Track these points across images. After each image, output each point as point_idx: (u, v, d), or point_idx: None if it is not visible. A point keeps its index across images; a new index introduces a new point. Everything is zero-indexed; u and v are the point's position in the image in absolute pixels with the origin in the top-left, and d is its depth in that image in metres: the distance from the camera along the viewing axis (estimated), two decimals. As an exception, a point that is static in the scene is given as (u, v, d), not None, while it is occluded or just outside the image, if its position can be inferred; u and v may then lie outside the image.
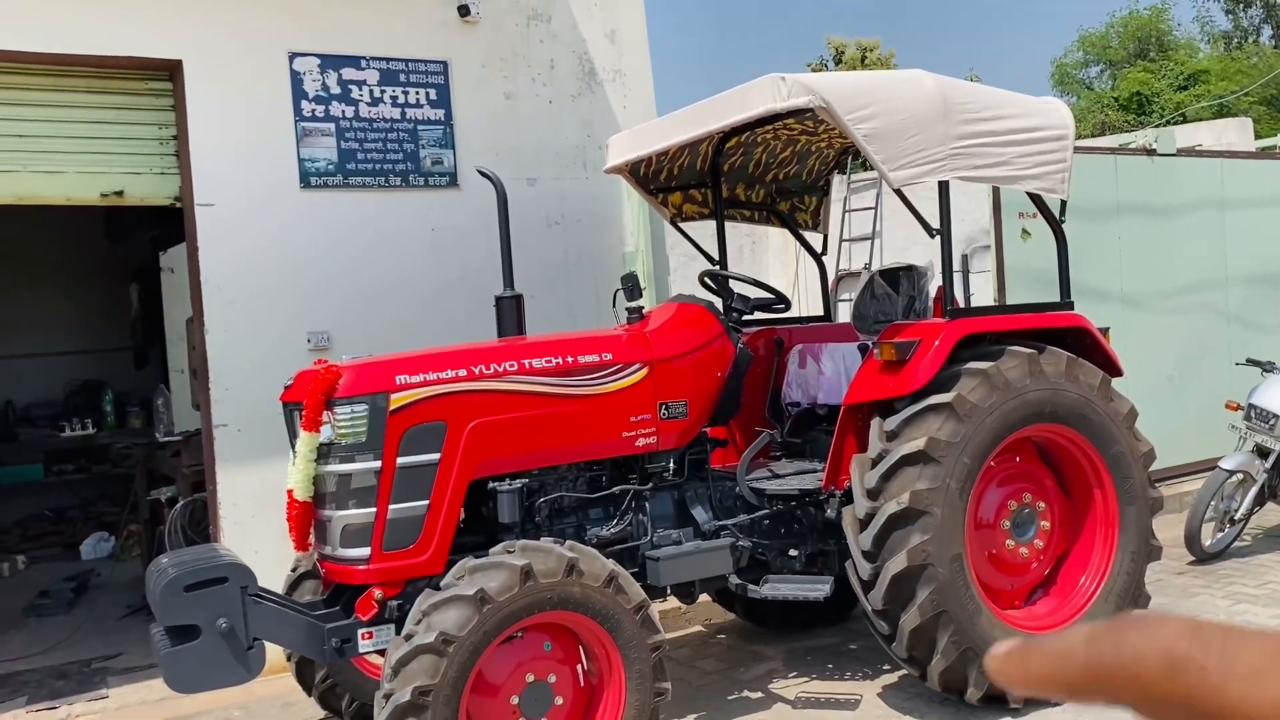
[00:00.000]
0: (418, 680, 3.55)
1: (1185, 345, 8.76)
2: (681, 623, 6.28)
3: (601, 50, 6.95)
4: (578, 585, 3.82)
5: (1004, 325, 4.90)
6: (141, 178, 5.71)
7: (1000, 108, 4.89)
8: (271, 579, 4.44)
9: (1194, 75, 28.73)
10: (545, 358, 4.38)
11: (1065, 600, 4.94)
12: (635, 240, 6.88)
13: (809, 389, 5.58)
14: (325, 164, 5.98)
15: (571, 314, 6.45)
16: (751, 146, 5.96)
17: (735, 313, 5.09)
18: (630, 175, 5.84)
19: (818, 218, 6.55)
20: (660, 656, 4.00)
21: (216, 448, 5.67)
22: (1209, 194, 8.95)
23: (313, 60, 5.96)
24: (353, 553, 4.02)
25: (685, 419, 4.70)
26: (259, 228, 5.79)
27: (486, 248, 5.87)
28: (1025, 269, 7.79)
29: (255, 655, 3.91)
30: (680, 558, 4.59)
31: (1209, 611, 5.87)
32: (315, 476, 4.04)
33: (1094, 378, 4.88)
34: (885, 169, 4.54)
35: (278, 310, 5.80)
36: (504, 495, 4.22)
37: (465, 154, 6.35)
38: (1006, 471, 4.93)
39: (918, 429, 4.47)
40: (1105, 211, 8.37)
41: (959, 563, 4.47)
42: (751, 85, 4.61)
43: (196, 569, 3.86)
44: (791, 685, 5.21)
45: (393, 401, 4.02)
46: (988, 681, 4.50)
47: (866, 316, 5.50)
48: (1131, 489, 4.97)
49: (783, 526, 5.00)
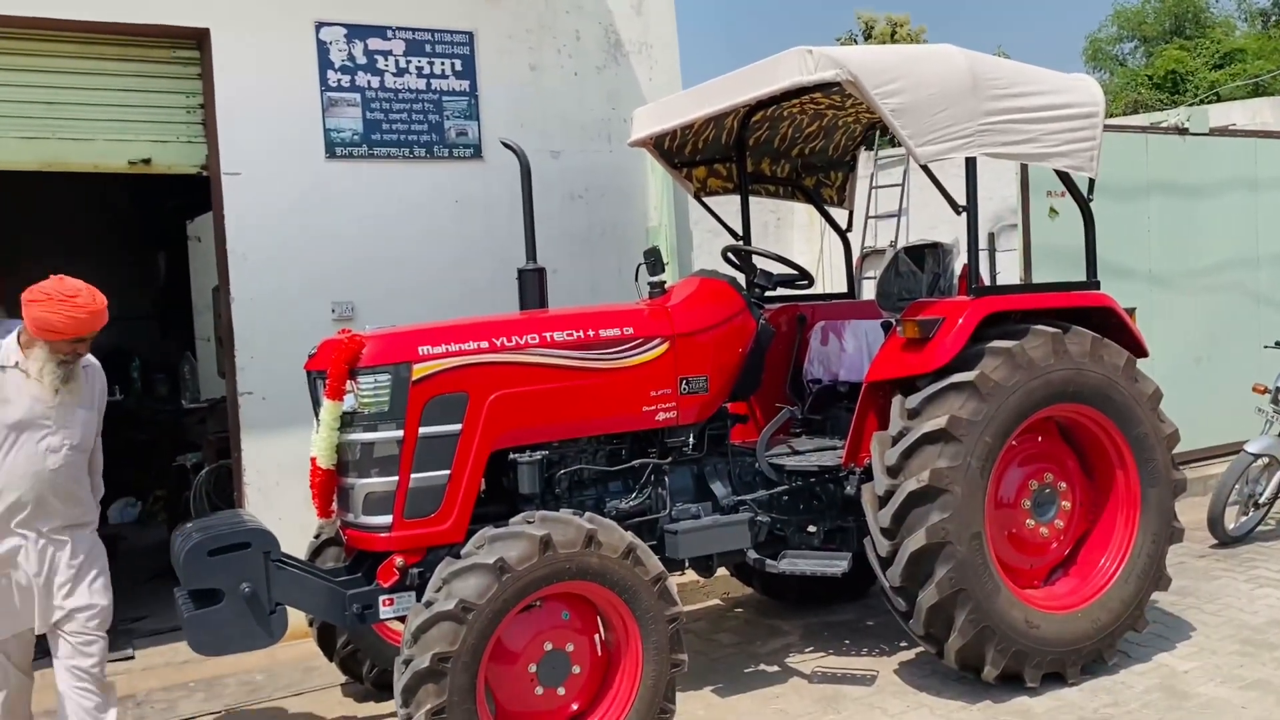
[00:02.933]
0: (437, 647, 3.59)
1: (1213, 326, 8.67)
2: (699, 596, 6.31)
3: (627, 22, 6.91)
4: (596, 556, 3.84)
5: (1029, 304, 4.86)
6: (168, 146, 5.74)
7: (1030, 84, 4.83)
8: (294, 545, 4.50)
9: (1230, 54, 28.27)
10: (567, 331, 4.39)
11: (1085, 581, 4.92)
12: (659, 214, 6.87)
13: (830, 366, 5.56)
14: (350, 134, 5.99)
15: (594, 287, 6.45)
16: (778, 120, 5.92)
17: (758, 288, 5.08)
18: (654, 149, 5.81)
19: (843, 193, 6.50)
20: (677, 628, 4.02)
21: (241, 415, 5.72)
22: (1241, 174, 8.83)
23: (339, 30, 5.96)
24: (375, 520, 4.06)
25: (706, 394, 4.70)
26: (284, 197, 5.81)
27: (510, 220, 5.87)
28: (1052, 248, 7.72)
29: (277, 620, 3.97)
30: (699, 531, 4.61)
31: (1230, 594, 5.84)
32: (338, 445, 4.08)
33: (1119, 358, 4.84)
34: (912, 144, 4.50)
35: (303, 279, 5.83)
36: (524, 467, 4.25)
37: (490, 125, 6.34)
38: (1028, 451, 4.91)
39: (939, 407, 4.46)
40: (1135, 190, 8.27)
41: (978, 541, 4.46)
42: (778, 58, 4.57)
43: (220, 534, 3.91)
44: (808, 660, 5.23)
45: (415, 372, 4.05)
46: (1004, 660, 4.51)
47: (890, 294, 5.47)
48: (1155, 470, 4.94)
49: (802, 502, 5.00)
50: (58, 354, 3.91)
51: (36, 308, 3.85)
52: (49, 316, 3.84)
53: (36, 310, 3.84)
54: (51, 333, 3.86)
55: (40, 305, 3.85)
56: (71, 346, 3.93)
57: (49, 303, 3.85)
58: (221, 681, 5.26)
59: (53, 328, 3.86)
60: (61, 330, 3.87)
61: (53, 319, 3.84)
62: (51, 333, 3.86)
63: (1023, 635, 4.55)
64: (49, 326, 3.85)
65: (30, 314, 3.84)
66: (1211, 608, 5.65)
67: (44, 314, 3.84)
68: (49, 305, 3.85)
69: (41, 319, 3.84)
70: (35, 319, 3.85)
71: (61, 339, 3.89)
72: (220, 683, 5.26)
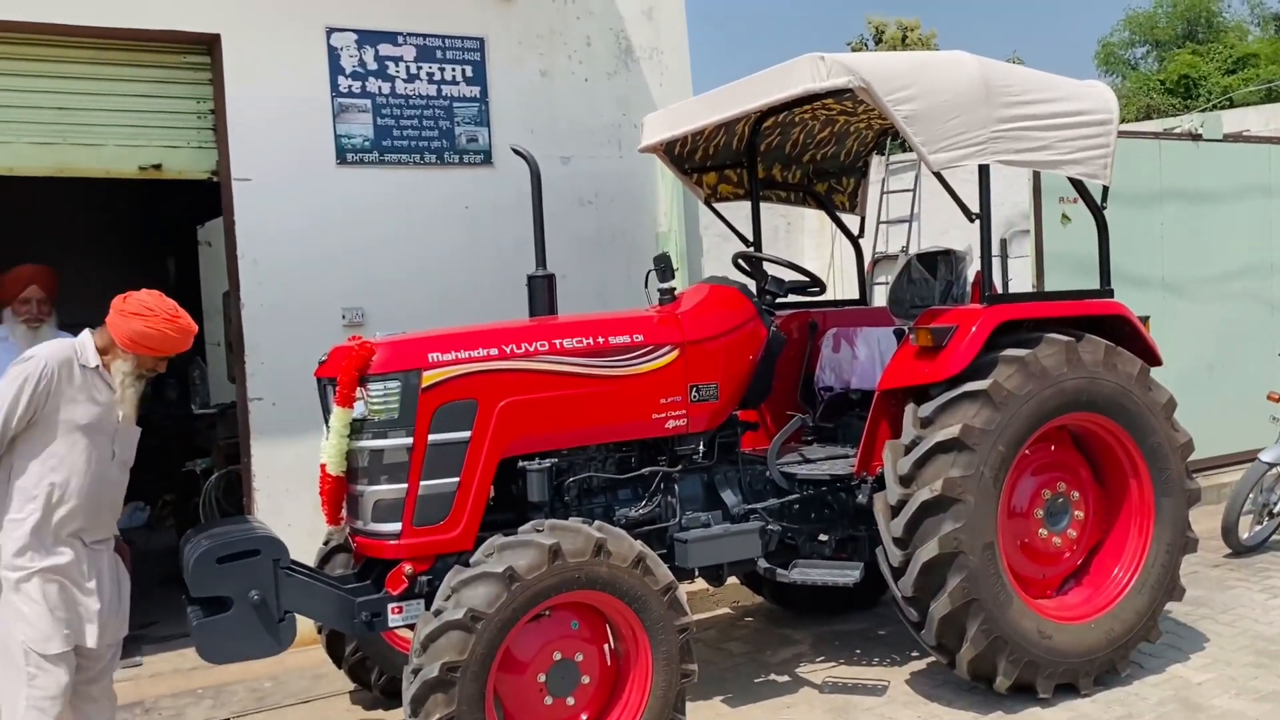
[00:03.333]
0: (446, 656, 3.57)
1: (1227, 334, 8.62)
2: (709, 604, 6.28)
3: (639, 27, 6.90)
4: (605, 565, 3.82)
5: (1042, 312, 4.83)
6: (179, 151, 5.74)
7: (1043, 91, 4.80)
8: (303, 552, 4.49)
9: (1243, 58, 28.13)
10: (576, 338, 4.37)
11: (1098, 591, 4.88)
12: (669, 220, 6.85)
13: (842, 373, 5.54)
14: (361, 140, 5.99)
15: (604, 293, 6.43)
16: (789, 126, 5.90)
17: (769, 295, 5.05)
18: (665, 154, 5.80)
19: (855, 199, 6.48)
20: (687, 638, 4.00)
21: (251, 421, 5.72)
22: (1256, 180, 8.78)
23: (350, 36, 5.96)
24: (384, 527, 4.05)
25: (716, 402, 4.68)
26: (295, 203, 5.81)
27: (520, 226, 5.85)
28: (1065, 254, 7.68)
29: (286, 627, 3.95)
30: (709, 540, 4.58)
31: (1245, 605, 5.79)
32: (348, 451, 4.07)
33: (1132, 367, 4.80)
34: (925, 151, 4.47)
35: (313, 285, 5.83)
36: (533, 474, 4.23)
37: (500, 131, 6.33)
38: (1041, 460, 4.88)
39: (952, 416, 4.43)
40: (1148, 197, 8.23)
41: (990, 551, 4.43)
42: (790, 65, 4.55)
43: (229, 542, 3.90)
44: (819, 670, 5.20)
45: (425, 379, 4.03)
46: (1016, 670, 4.48)
47: (903, 301, 5.44)
48: (1168, 480, 4.90)
49: (813, 511, 4.97)
50: (141, 369, 3.84)
51: (139, 321, 3.75)
52: (150, 332, 3.76)
53: (139, 324, 3.75)
54: (147, 349, 3.79)
55: (144, 320, 3.76)
56: (155, 363, 3.88)
57: (154, 319, 3.77)
58: (230, 688, 5.26)
59: (151, 344, 3.78)
60: (158, 348, 3.81)
61: (154, 335, 3.77)
62: (147, 349, 3.79)
63: (1035, 646, 4.51)
64: (147, 342, 3.77)
65: (130, 326, 3.75)
66: (1226, 618, 5.60)
67: (146, 329, 3.75)
68: (153, 321, 3.77)
69: (142, 334, 3.75)
70: (135, 333, 3.75)
71: (153, 355, 3.83)
72: (229, 689, 5.26)
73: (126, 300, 3.81)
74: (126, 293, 3.84)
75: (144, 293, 3.84)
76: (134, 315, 3.76)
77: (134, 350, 3.78)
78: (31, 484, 3.64)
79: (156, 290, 3.90)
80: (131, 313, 3.77)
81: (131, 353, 3.78)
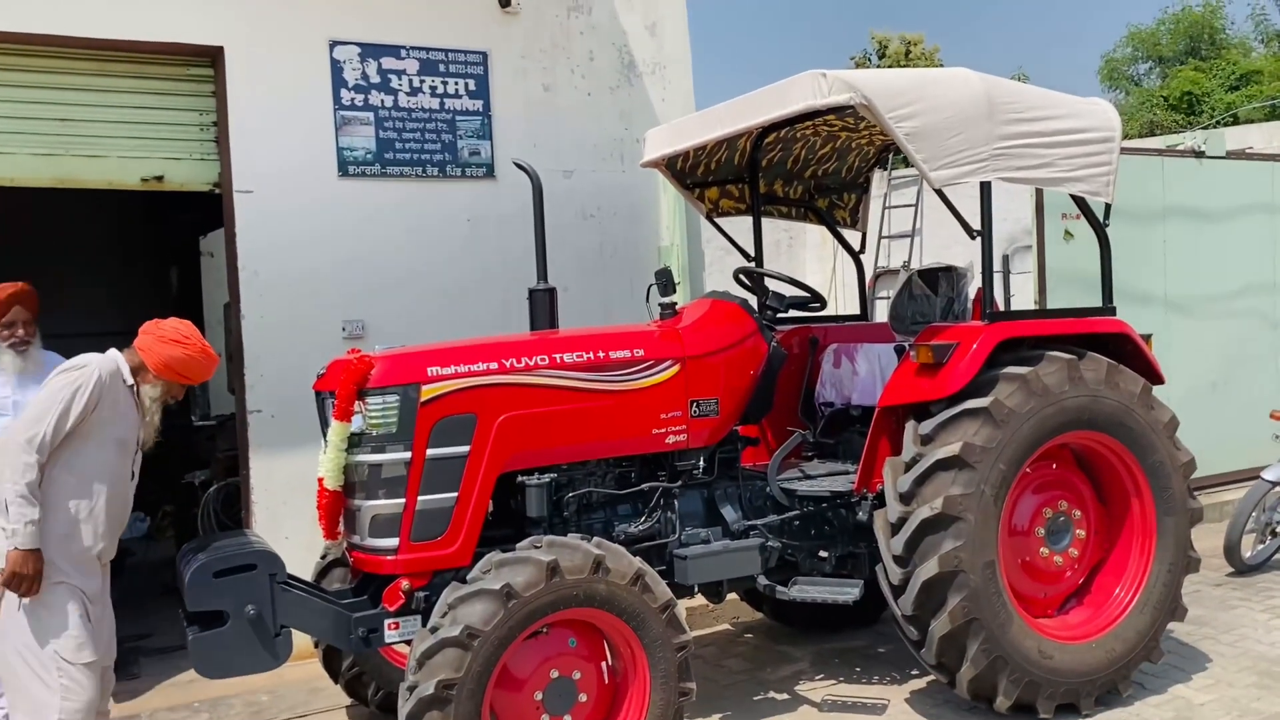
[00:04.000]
0: (442, 673, 3.55)
1: (1230, 352, 8.60)
2: (708, 621, 6.25)
3: (642, 42, 6.91)
4: (604, 583, 3.80)
5: (1043, 330, 4.82)
6: (181, 163, 5.75)
7: (1046, 108, 4.80)
8: (301, 566, 4.47)
9: (1246, 75, 28.14)
10: (577, 352, 4.36)
11: (1099, 610, 4.85)
12: (670, 235, 6.85)
13: (843, 389, 5.52)
14: (363, 153, 5.99)
15: (605, 308, 6.43)
16: (791, 142, 5.90)
17: (770, 310, 5.04)
18: (667, 169, 5.80)
19: (856, 215, 6.47)
20: (685, 656, 3.98)
21: (250, 433, 5.71)
22: (1259, 198, 8.77)
23: (353, 49, 5.97)
24: (381, 543, 4.03)
25: (716, 417, 4.66)
26: (297, 215, 5.82)
27: (522, 239, 5.85)
28: (1067, 270, 7.67)
29: (282, 642, 3.93)
30: (708, 557, 4.56)
31: (1247, 625, 5.75)
32: (346, 466, 4.05)
33: (1134, 385, 4.78)
34: (927, 169, 4.47)
35: (313, 298, 5.83)
36: (532, 489, 4.21)
37: (503, 145, 6.34)
38: (1042, 478, 4.85)
39: (953, 433, 4.41)
40: (1151, 214, 8.22)
41: (991, 570, 4.40)
42: (792, 81, 4.55)
43: (226, 556, 3.88)
44: (818, 687, 5.17)
45: (424, 393, 4.02)
46: (1017, 690, 4.45)
47: (904, 317, 5.43)
48: (1170, 499, 4.87)
49: (813, 528, 4.95)
50: (170, 395, 3.89)
51: (178, 349, 3.79)
52: (188, 360, 3.81)
53: (178, 351, 3.79)
54: (179, 375, 3.83)
55: (182, 348, 3.80)
56: (180, 390, 3.93)
57: (191, 347, 3.81)
58: (226, 701, 5.24)
59: (185, 372, 3.83)
60: (190, 375, 3.86)
61: (189, 364, 3.82)
62: (179, 375, 3.83)
63: (1036, 665, 4.48)
64: (182, 369, 3.82)
65: (167, 353, 3.78)
66: (1228, 638, 5.56)
67: (185, 357, 3.80)
68: (191, 349, 3.81)
69: (180, 361, 3.79)
70: (172, 359, 3.78)
71: (182, 382, 3.88)
72: (225, 703, 5.24)
73: (161, 326, 3.83)
74: (156, 320, 3.87)
75: (176, 321, 3.89)
76: (173, 343, 3.80)
77: (165, 376, 3.82)
78: (61, 494, 3.61)
79: (185, 319, 3.94)
80: (171, 340, 3.80)
81: (162, 378, 3.82)
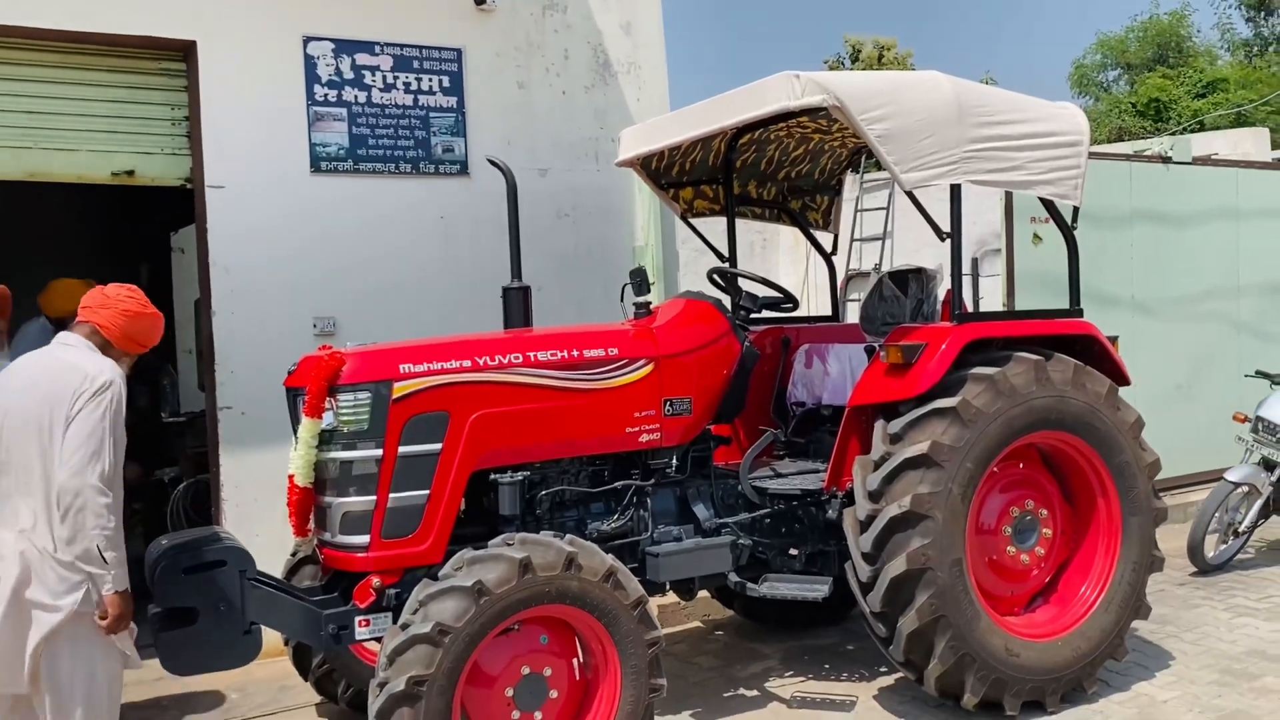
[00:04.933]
0: (412, 670, 3.55)
1: (1195, 355, 8.72)
2: (680, 618, 6.28)
3: (616, 42, 6.92)
4: (576, 579, 3.81)
5: (1011, 331, 4.87)
6: (153, 158, 5.71)
7: (1015, 112, 4.85)
8: (271, 563, 4.44)
9: (1213, 83, 28.53)
10: (550, 351, 4.37)
11: (1065, 608, 4.91)
12: (645, 235, 6.86)
13: (814, 389, 5.56)
14: (336, 149, 5.97)
15: (579, 307, 6.43)
16: (764, 143, 5.93)
17: (743, 311, 5.07)
18: (642, 169, 5.82)
19: (829, 217, 6.52)
20: (656, 653, 3.99)
21: (220, 430, 5.68)
22: (1224, 203, 8.90)
23: (326, 45, 5.95)
24: (352, 540, 4.02)
25: (689, 416, 4.68)
26: (269, 211, 5.79)
27: (496, 238, 5.85)
28: (1036, 273, 7.76)
29: (252, 640, 3.91)
30: (680, 554, 4.58)
31: (1210, 624, 5.84)
32: (317, 463, 4.04)
33: (1101, 386, 4.85)
34: (897, 171, 4.51)
35: (285, 294, 5.80)
36: (505, 487, 4.21)
37: (477, 143, 6.34)
38: (1010, 478, 4.91)
39: (921, 433, 4.45)
40: (1118, 218, 8.33)
41: (959, 568, 4.45)
42: (766, 82, 4.58)
43: (196, 552, 3.86)
44: (788, 684, 5.20)
45: (396, 390, 4.01)
46: (984, 687, 4.50)
47: (874, 318, 5.48)
48: (1136, 499, 4.94)
49: (784, 526, 4.98)
50: (126, 369, 3.55)
51: (142, 320, 3.50)
52: (150, 329, 3.54)
53: (141, 322, 3.51)
54: (141, 346, 3.56)
55: (141, 316, 3.50)
56: (133, 361, 3.63)
57: (145, 308, 3.51)
58: (195, 699, 5.21)
59: (147, 341, 3.56)
60: (148, 341, 3.58)
61: (152, 332, 3.55)
62: (141, 346, 3.56)
63: (1002, 663, 4.54)
64: (144, 339, 3.54)
65: (131, 325, 3.49)
66: (1191, 636, 5.65)
67: (148, 325, 3.53)
68: (150, 313, 3.52)
69: (142, 331, 3.52)
70: (136, 331, 3.49)
71: (140, 350, 3.60)
72: (194, 700, 5.20)
73: (114, 297, 3.52)
74: (100, 289, 3.58)
75: (120, 287, 3.59)
76: (135, 314, 3.53)
77: (129, 349, 3.56)
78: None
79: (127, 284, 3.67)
80: (133, 311, 3.52)
81: (125, 350, 3.55)
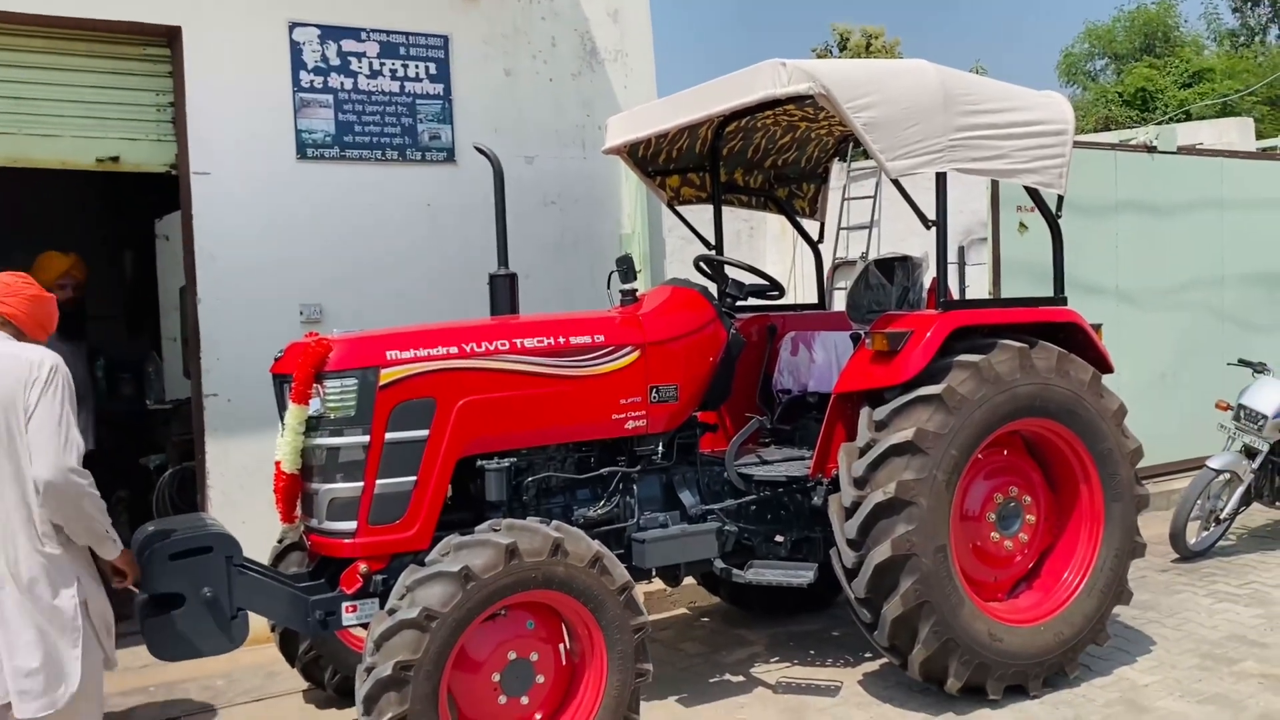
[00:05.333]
0: (399, 655, 3.56)
1: (1178, 343, 8.78)
2: (665, 605, 6.30)
3: (604, 29, 6.91)
4: (562, 565, 3.82)
5: (996, 319, 4.90)
6: (137, 144, 5.68)
7: (1001, 100, 4.87)
8: (258, 550, 4.45)
9: (1199, 73, 28.64)
10: (537, 338, 4.38)
11: (1048, 594, 4.95)
12: (632, 222, 6.87)
13: (800, 376, 5.58)
14: (323, 135, 5.95)
15: (566, 294, 6.44)
16: (751, 131, 5.94)
17: (729, 298, 5.09)
18: (629, 156, 5.82)
19: (815, 205, 6.53)
20: (643, 638, 4.02)
21: (206, 417, 5.66)
22: (1208, 193, 8.95)
23: (313, 30, 5.93)
24: (339, 526, 4.03)
25: (676, 403, 4.70)
26: (254, 198, 5.77)
27: (483, 225, 5.85)
28: (1021, 262, 7.79)
29: (239, 625, 3.92)
30: (666, 540, 4.60)
31: (1191, 609, 5.90)
32: (303, 449, 4.04)
33: (1084, 373, 4.88)
34: (883, 159, 4.53)
35: (271, 281, 5.79)
36: (492, 474, 4.22)
37: (464, 130, 6.32)
38: (994, 464, 4.94)
39: (906, 419, 4.48)
40: (1104, 207, 8.36)
41: (943, 554, 4.48)
42: (753, 70, 4.59)
43: (182, 538, 3.86)
44: (773, 670, 5.24)
45: (383, 377, 4.01)
46: (968, 672, 4.54)
47: (860, 306, 5.50)
48: (1118, 485, 4.98)
49: (769, 512, 5.01)
50: None
51: (47, 305, 3.53)
52: (51, 313, 3.56)
53: (48, 308, 3.54)
54: (47, 332, 3.58)
55: (46, 302, 3.52)
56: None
57: (49, 299, 3.54)
58: (182, 686, 5.21)
59: (50, 325, 3.58)
60: (53, 329, 3.61)
61: (53, 316, 3.58)
62: (47, 332, 3.58)
63: (986, 648, 4.57)
64: (49, 324, 3.57)
65: (42, 310, 3.52)
66: (1172, 622, 5.71)
67: (49, 311, 3.54)
68: (50, 302, 3.54)
69: (48, 316, 3.54)
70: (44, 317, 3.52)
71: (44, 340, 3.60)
72: (180, 687, 5.20)
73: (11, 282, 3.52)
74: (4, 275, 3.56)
75: (12, 274, 3.59)
76: (41, 298, 3.56)
77: (37, 335, 3.58)
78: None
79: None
80: (34, 294, 3.54)
81: (35, 338, 3.56)
